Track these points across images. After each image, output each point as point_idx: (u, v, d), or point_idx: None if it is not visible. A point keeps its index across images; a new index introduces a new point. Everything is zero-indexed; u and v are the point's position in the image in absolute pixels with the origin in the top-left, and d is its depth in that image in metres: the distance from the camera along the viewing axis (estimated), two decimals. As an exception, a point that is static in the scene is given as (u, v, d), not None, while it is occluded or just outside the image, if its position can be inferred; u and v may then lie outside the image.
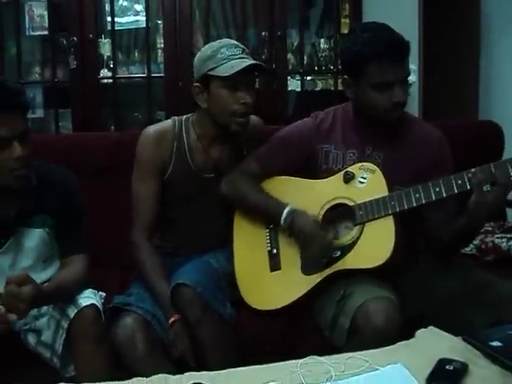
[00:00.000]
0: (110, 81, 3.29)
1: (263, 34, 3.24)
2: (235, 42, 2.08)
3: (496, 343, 1.48)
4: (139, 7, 3.36)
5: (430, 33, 3.61)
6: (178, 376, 1.46)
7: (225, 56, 1.99)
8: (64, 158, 2.34)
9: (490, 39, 3.85)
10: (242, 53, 2.03)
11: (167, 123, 2.18)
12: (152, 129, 2.16)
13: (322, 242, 1.93)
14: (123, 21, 3.37)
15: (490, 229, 2.66)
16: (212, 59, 2.00)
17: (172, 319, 1.91)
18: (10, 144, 1.70)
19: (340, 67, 2.05)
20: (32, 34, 3.32)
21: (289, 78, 3.39)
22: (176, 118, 2.19)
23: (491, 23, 3.84)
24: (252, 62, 2.02)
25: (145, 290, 2.02)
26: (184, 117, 2.18)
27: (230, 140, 2.15)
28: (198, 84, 2.06)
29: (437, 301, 1.93)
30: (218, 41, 2.11)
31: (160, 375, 1.46)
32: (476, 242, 2.56)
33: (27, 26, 3.30)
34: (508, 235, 2.57)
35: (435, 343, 1.53)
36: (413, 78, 3.38)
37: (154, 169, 2.11)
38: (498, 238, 2.56)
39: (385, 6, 3.27)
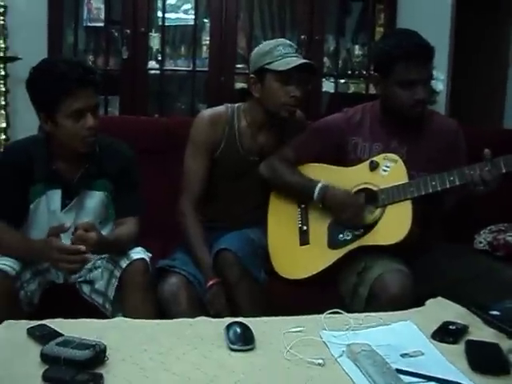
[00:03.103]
0: (158, 72, 3.54)
1: (302, 37, 3.47)
2: (290, 42, 2.32)
3: (495, 312, 1.68)
4: (188, 5, 3.62)
5: (460, 43, 3.79)
6: (217, 319, 1.70)
7: (281, 53, 2.23)
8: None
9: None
10: (295, 52, 2.27)
11: (221, 109, 2.40)
12: (207, 112, 2.40)
13: (354, 207, 2.16)
14: (173, 17, 3.62)
15: (503, 228, 2.85)
16: (269, 55, 2.24)
17: (211, 282, 2.15)
18: (85, 115, 1.96)
19: (373, 72, 2.28)
20: (89, 24, 3.59)
21: (323, 79, 3.63)
22: (229, 104, 2.41)
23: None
24: (304, 60, 2.26)
25: (187, 255, 2.25)
26: (236, 105, 2.41)
27: (275, 128, 2.38)
28: (253, 76, 2.29)
29: (447, 283, 2.12)
30: (274, 39, 2.36)
31: (203, 317, 1.70)
32: (489, 238, 2.75)
33: (85, 18, 3.57)
34: (519, 234, 2.77)
35: (442, 310, 1.75)
36: (440, 86, 3.59)
37: (206, 148, 2.33)
38: (509, 236, 2.75)
39: (418, 17, 3.44)
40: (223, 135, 2.35)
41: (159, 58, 3.54)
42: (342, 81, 3.76)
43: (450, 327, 1.61)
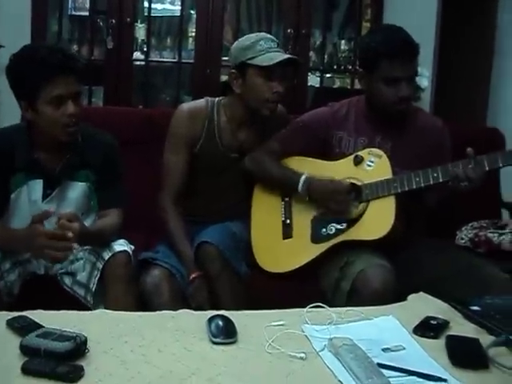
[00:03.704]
0: (143, 63, 3.52)
1: (289, 31, 3.46)
2: (272, 37, 2.29)
3: (476, 308, 1.70)
4: (175, -4, 3.60)
5: (445, 40, 3.80)
6: (199, 312, 1.69)
7: (263, 48, 2.20)
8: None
9: (504, 49, 4.00)
10: (277, 46, 2.25)
11: (201, 102, 2.38)
12: (186, 106, 2.38)
13: (339, 193, 2.14)
14: (159, 7, 3.60)
15: (484, 225, 2.88)
16: (251, 49, 2.21)
17: (193, 275, 2.15)
18: (65, 102, 1.93)
19: (358, 68, 2.28)
20: (73, 13, 3.55)
21: (309, 74, 3.63)
22: (209, 98, 2.39)
23: (506, 34, 4.00)
24: (289, 56, 2.25)
25: (170, 248, 2.24)
26: (217, 99, 2.38)
27: (256, 125, 2.36)
28: (234, 71, 2.27)
29: (429, 279, 2.13)
30: (255, 33, 2.32)
31: (185, 310, 1.70)
32: (470, 235, 2.78)
33: (70, 6, 3.54)
34: (500, 231, 2.79)
35: (424, 305, 1.75)
36: (425, 83, 3.60)
37: (185, 142, 2.31)
38: (490, 232, 2.78)
39: (404, 13, 3.46)
40: (202, 130, 2.33)
41: (144, 49, 3.53)
42: (328, 75, 3.76)
43: (432, 322, 1.61)
